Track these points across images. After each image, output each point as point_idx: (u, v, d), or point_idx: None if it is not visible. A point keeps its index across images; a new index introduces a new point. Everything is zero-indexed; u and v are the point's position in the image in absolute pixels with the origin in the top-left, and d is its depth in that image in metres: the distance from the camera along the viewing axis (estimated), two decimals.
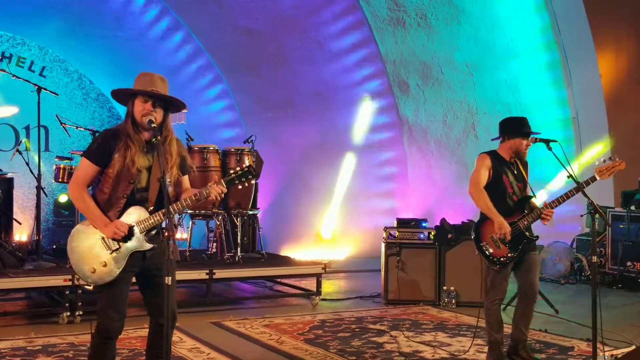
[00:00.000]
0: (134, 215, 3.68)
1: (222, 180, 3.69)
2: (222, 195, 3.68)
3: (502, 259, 4.93)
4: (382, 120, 12.06)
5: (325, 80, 11.63)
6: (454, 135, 11.58)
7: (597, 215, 4.69)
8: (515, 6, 10.62)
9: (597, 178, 4.83)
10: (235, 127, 11.97)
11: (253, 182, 3.73)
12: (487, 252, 4.94)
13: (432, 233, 7.67)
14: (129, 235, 3.65)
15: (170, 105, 3.79)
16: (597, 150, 10.27)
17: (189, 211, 8.02)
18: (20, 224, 8.89)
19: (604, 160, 4.86)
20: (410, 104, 11.78)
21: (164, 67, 11.28)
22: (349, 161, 11.85)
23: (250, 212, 8.44)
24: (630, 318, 7.02)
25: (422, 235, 7.69)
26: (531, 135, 5.05)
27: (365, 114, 11.71)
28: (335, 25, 11.34)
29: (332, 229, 11.98)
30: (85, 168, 3.71)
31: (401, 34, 11.20)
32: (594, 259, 4.70)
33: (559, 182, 9.96)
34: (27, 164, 8.39)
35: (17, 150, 8.32)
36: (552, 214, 4.92)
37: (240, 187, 3.71)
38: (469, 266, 7.27)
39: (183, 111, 4.15)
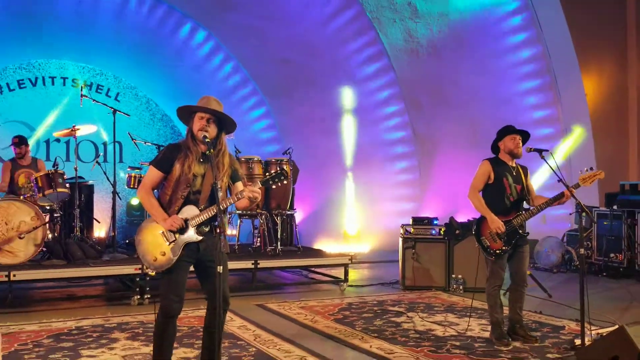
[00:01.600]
0: (187, 212, 3.72)
1: (258, 182, 3.71)
2: (255, 194, 3.66)
3: (497, 251, 4.94)
4: (398, 134, 12.03)
5: (349, 100, 11.63)
6: (460, 146, 11.47)
7: (584, 214, 4.65)
8: (511, 36, 10.55)
9: (580, 185, 4.78)
10: (275, 141, 12.02)
11: (285, 182, 3.72)
12: (484, 245, 4.98)
13: (442, 229, 7.61)
14: (184, 228, 3.69)
15: (224, 124, 3.82)
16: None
17: (238, 212, 8.08)
18: (99, 222, 9.03)
19: (587, 170, 4.80)
20: (423, 119, 11.72)
21: (216, 92, 11.38)
22: (370, 169, 11.82)
23: (288, 212, 8.45)
24: (614, 301, 6.88)
25: (433, 232, 7.63)
26: (517, 132, 5.02)
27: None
28: (358, 55, 11.35)
29: (357, 227, 11.94)
30: (151, 174, 3.79)
31: (415, 61, 11.17)
32: (582, 251, 4.69)
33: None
34: (105, 173, 8.51)
35: (97, 162, 8.45)
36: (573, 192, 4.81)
37: (274, 186, 3.73)
38: (474, 257, 7.05)
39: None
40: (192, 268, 3.87)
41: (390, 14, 10.69)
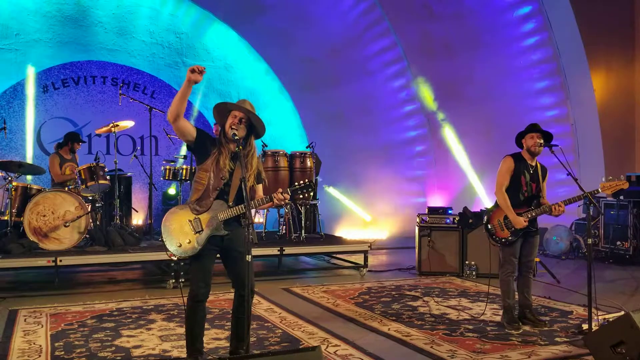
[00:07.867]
0: (217, 207, 3.69)
1: (288, 189, 3.69)
2: (284, 201, 3.67)
3: (503, 240, 4.93)
4: (415, 130, 11.94)
5: (369, 97, 11.57)
6: (473, 140, 11.35)
7: (591, 204, 4.58)
8: (523, 35, 10.37)
9: (600, 192, 4.71)
10: (299, 135, 12.01)
11: (312, 194, 3.70)
12: (491, 232, 5.00)
13: (456, 218, 7.55)
14: (202, 230, 3.65)
15: (255, 128, 3.79)
16: None
17: None
18: (137, 211, 9.14)
19: (610, 178, 4.73)
20: (438, 115, 11.60)
21: (244, 89, 11.40)
22: (388, 161, 11.76)
23: (312, 202, 8.46)
24: (620, 288, 6.77)
25: (448, 220, 7.58)
26: (538, 131, 4.92)
27: None
28: (377, 55, 11.27)
29: (375, 215, 11.90)
30: (189, 124, 3.70)
31: (430, 59, 11.05)
32: (590, 241, 4.60)
33: None
34: (142, 165, 8.60)
35: (135, 155, 8.54)
36: (561, 210, 4.79)
37: (301, 196, 3.71)
38: (486, 245, 7.01)
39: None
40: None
41: (407, 15, 10.59)
